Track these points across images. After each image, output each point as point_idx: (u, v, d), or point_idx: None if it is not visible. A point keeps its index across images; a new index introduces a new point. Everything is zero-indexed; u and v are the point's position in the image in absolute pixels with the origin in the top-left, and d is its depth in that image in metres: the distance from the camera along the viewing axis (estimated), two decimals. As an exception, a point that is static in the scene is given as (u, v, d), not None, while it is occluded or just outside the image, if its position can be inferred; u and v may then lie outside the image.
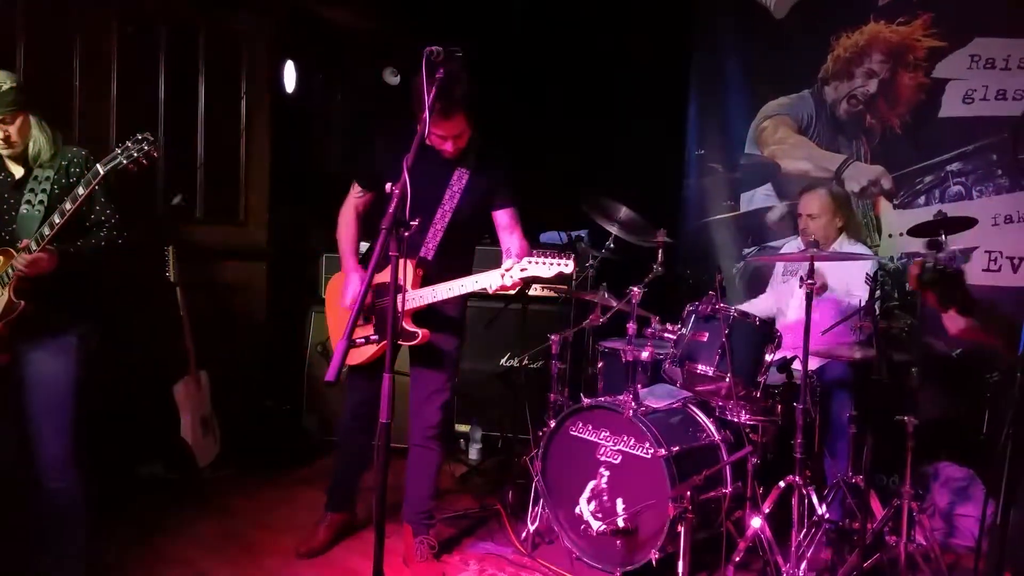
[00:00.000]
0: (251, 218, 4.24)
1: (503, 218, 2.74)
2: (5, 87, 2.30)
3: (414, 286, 2.64)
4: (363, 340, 2.79)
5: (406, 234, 2.04)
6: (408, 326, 2.63)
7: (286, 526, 3.16)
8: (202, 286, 3.86)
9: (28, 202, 2.36)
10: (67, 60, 3.51)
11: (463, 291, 2.53)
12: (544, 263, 2.31)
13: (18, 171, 2.42)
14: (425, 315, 2.64)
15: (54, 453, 2.39)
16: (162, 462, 3.62)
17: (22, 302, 2.31)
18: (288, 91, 4.24)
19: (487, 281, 2.46)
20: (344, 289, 2.83)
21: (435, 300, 2.60)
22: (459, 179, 2.69)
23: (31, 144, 2.37)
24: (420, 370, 2.85)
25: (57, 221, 2.27)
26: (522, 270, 2.34)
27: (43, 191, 2.36)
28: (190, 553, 2.91)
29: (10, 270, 2.31)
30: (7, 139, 2.33)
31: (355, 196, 2.88)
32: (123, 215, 2.48)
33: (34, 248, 2.27)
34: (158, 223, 3.79)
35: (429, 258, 2.70)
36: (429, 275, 2.67)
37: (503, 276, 2.39)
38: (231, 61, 4.13)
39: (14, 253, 2.31)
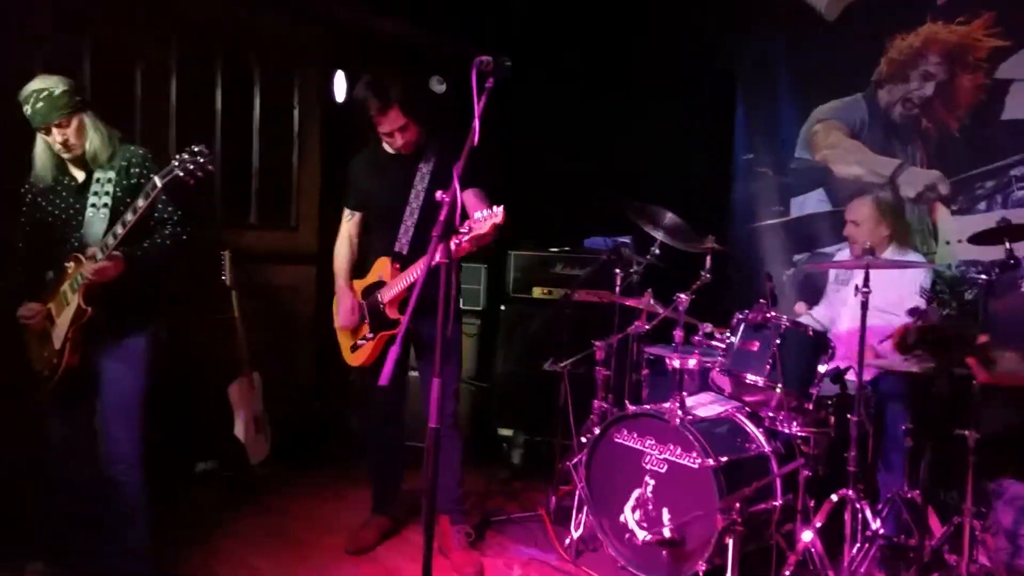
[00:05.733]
0: (303, 224, 4.33)
1: (468, 198, 2.79)
2: (58, 91, 2.34)
3: (392, 279, 2.86)
4: (362, 341, 2.92)
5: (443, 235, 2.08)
6: (391, 316, 2.85)
7: (333, 524, 3.22)
8: (256, 289, 3.96)
9: (93, 205, 2.41)
10: (130, 72, 3.64)
11: (426, 268, 2.62)
12: (479, 221, 2.38)
13: (80, 175, 2.47)
14: (417, 306, 2.63)
15: (123, 449, 2.48)
16: (217, 460, 3.72)
17: (90, 308, 2.37)
18: (339, 100, 4.32)
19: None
20: (338, 305, 3.04)
21: (409, 283, 2.78)
22: (422, 178, 2.89)
23: (87, 144, 2.41)
24: (424, 363, 2.99)
25: (120, 232, 2.32)
26: (466, 232, 2.39)
27: (106, 193, 2.42)
28: (241, 548, 2.99)
29: (80, 277, 2.37)
30: (66, 143, 2.39)
31: (346, 220, 3.10)
32: (184, 212, 2.54)
33: (100, 257, 2.33)
34: (215, 228, 3.91)
35: (404, 253, 2.89)
36: (406, 268, 2.86)
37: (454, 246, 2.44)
38: (284, 72, 4.24)
39: (83, 260, 2.37)
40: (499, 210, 2.40)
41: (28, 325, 2.51)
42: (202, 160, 2.31)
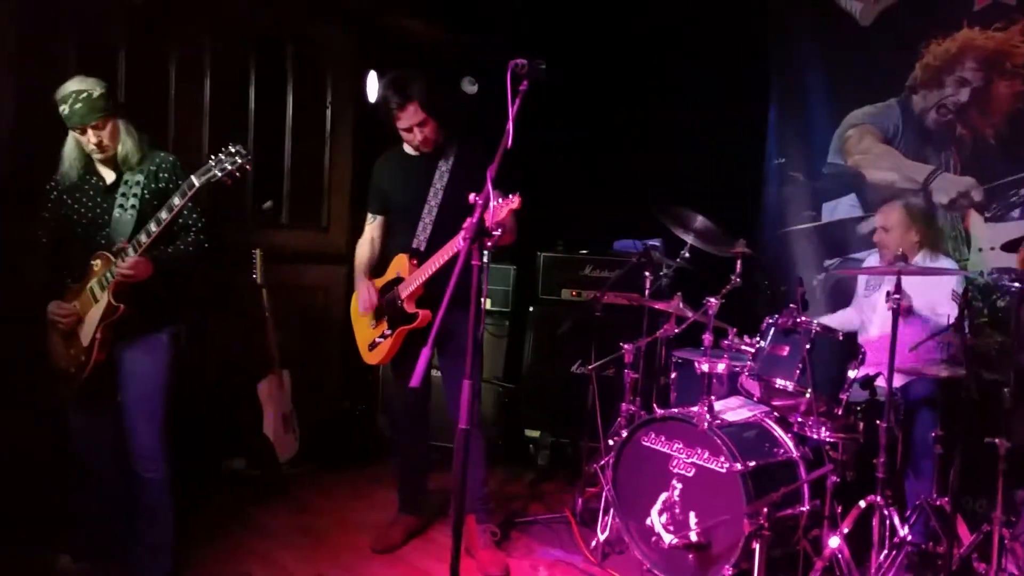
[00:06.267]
0: (334, 224, 4.38)
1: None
2: (96, 94, 2.38)
3: (410, 275, 2.88)
4: (380, 339, 2.93)
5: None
6: (409, 310, 2.87)
7: (360, 523, 3.26)
8: (286, 289, 4.01)
9: (120, 206, 2.45)
10: (164, 72, 3.70)
11: (443, 260, 2.73)
12: (496, 208, 2.26)
13: (109, 176, 2.51)
14: (434, 301, 2.57)
15: (147, 444, 2.51)
16: (245, 457, 3.77)
17: (121, 305, 2.41)
18: (371, 100, 4.37)
19: (458, 244, 2.57)
20: (359, 298, 3.04)
21: (426, 277, 2.80)
22: (440, 176, 2.91)
23: (120, 147, 2.46)
24: (447, 361, 2.99)
25: (154, 229, 2.35)
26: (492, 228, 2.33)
27: (134, 195, 2.46)
28: (269, 546, 3.02)
29: (108, 274, 2.41)
30: (100, 144, 2.43)
31: (369, 224, 3.12)
32: (210, 219, 2.58)
33: (131, 253, 2.37)
34: (247, 227, 3.97)
35: (422, 249, 2.91)
36: (423, 264, 2.87)
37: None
38: (317, 73, 4.29)
39: (111, 259, 2.41)
40: (515, 197, 2.38)
41: (56, 323, 2.52)
42: (240, 160, 2.33)
